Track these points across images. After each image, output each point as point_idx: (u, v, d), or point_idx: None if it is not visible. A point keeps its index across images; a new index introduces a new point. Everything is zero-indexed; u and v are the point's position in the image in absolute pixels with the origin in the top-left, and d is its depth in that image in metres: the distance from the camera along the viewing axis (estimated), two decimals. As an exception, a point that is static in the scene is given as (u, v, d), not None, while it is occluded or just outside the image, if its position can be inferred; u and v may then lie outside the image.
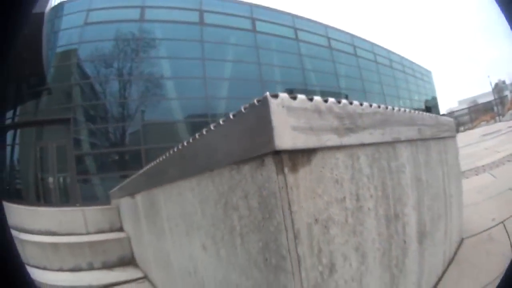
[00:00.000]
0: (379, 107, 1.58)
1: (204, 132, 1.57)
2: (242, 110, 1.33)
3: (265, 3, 22.71)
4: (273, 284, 1.20)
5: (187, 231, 1.88)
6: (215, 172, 1.53)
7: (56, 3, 15.64)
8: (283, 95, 1.27)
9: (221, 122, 1.42)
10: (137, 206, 2.53)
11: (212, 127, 1.49)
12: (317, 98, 1.38)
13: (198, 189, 1.72)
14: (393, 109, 1.74)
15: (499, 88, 42.37)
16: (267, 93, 1.26)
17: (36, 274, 3.20)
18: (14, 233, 3.66)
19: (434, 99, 41.96)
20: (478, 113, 43.31)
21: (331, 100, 1.40)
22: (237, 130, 1.35)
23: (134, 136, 16.00)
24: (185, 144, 1.81)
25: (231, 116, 1.39)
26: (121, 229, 3.76)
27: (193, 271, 1.89)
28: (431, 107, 40.45)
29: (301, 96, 1.31)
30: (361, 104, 1.48)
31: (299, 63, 21.97)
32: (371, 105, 1.55)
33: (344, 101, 1.43)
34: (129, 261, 3.23)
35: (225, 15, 18.87)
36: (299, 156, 1.22)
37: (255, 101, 1.33)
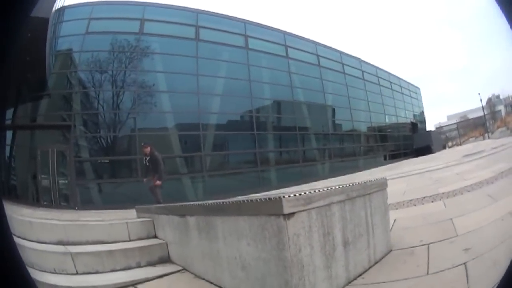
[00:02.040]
0: (324, 189, 3.11)
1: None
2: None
3: (258, 19, 24.99)
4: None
5: (237, 237, 3.08)
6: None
7: (58, 7, 16.39)
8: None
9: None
10: (188, 223, 4.20)
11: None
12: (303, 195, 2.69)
13: (244, 218, 2.99)
14: (332, 188, 3.24)
15: (492, 103, 41.78)
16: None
17: (89, 279, 4.23)
18: (60, 248, 4.84)
19: (422, 114, 43.31)
20: (467, 128, 44.22)
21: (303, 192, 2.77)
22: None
23: (130, 144, 17.51)
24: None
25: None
26: (155, 236, 5.40)
27: (238, 255, 3.08)
28: (417, 123, 41.32)
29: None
30: (314, 191, 2.88)
31: (288, 79, 23.44)
32: (318, 190, 2.99)
33: (307, 192, 2.74)
34: (166, 259, 4.87)
35: (220, 31, 20.40)
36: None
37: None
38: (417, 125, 41.69)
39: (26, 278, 1.77)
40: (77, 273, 4.35)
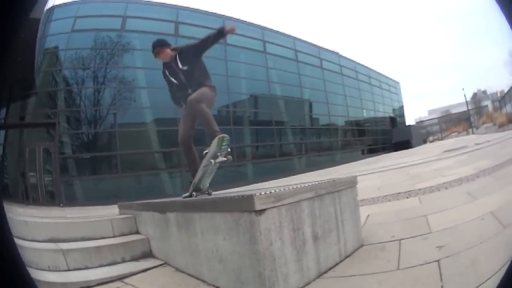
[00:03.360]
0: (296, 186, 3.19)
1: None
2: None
3: (236, 15, 24.48)
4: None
5: (214, 232, 3.19)
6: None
7: (48, 7, 16.52)
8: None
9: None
10: (168, 219, 4.29)
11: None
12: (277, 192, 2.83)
13: (220, 214, 3.11)
14: (301, 186, 3.33)
15: (477, 98, 41.90)
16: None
17: (79, 275, 4.22)
18: (51, 245, 4.83)
19: (401, 109, 43.84)
20: (450, 123, 44.29)
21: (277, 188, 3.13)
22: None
23: (110, 140, 17.58)
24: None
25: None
26: (137, 232, 5.48)
27: (215, 249, 3.19)
28: (396, 117, 41.68)
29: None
30: (284, 189, 3.04)
31: (265, 74, 23.75)
32: (292, 187, 3.15)
33: (278, 190, 2.88)
34: (149, 254, 4.96)
35: (199, 27, 20.07)
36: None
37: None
38: (396, 120, 41.97)
39: (26, 277, 1.76)
40: (69, 270, 4.36)
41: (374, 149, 33.13)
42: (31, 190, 14.20)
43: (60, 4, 17.08)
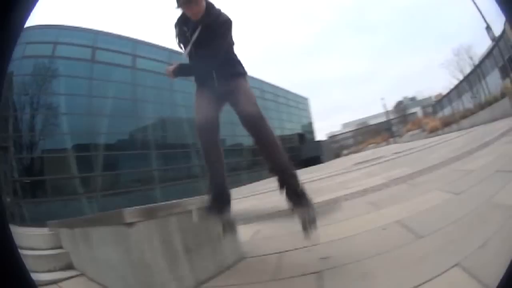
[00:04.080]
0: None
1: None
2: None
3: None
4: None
5: (103, 244, 3.47)
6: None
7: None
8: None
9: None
10: (75, 234, 4.56)
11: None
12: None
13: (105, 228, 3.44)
14: (171, 202, 3.56)
15: (403, 106, 42.18)
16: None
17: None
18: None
19: (310, 125, 43.77)
20: (367, 135, 44.40)
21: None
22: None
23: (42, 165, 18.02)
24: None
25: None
26: (61, 247, 5.89)
27: (109, 259, 3.40)
28: (304, 133, 41.60)
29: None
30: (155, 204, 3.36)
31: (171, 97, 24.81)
32: None
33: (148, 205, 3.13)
34: (71, 265, 5.36)
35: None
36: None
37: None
38: (304, 136, 41.92)
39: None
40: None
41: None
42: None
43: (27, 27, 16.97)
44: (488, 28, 21.28)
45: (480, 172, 5.08)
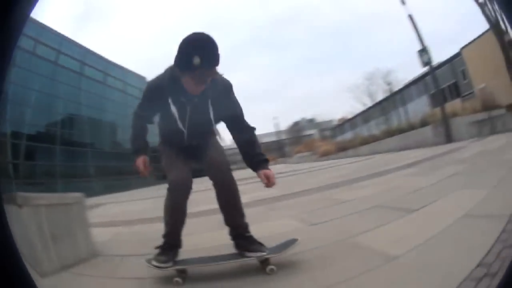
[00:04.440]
0: None
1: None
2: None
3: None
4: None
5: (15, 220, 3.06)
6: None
7: None
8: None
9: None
10: None
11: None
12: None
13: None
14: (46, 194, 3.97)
15: (297, 128, 40.67)
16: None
17: None
18: None
19: None
20: None
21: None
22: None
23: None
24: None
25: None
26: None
27: None
28: None
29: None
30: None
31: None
32: None
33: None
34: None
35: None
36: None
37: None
38: None
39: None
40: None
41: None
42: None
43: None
44: (423, 51, 18.24)
45: (354, 204, 4.59)
